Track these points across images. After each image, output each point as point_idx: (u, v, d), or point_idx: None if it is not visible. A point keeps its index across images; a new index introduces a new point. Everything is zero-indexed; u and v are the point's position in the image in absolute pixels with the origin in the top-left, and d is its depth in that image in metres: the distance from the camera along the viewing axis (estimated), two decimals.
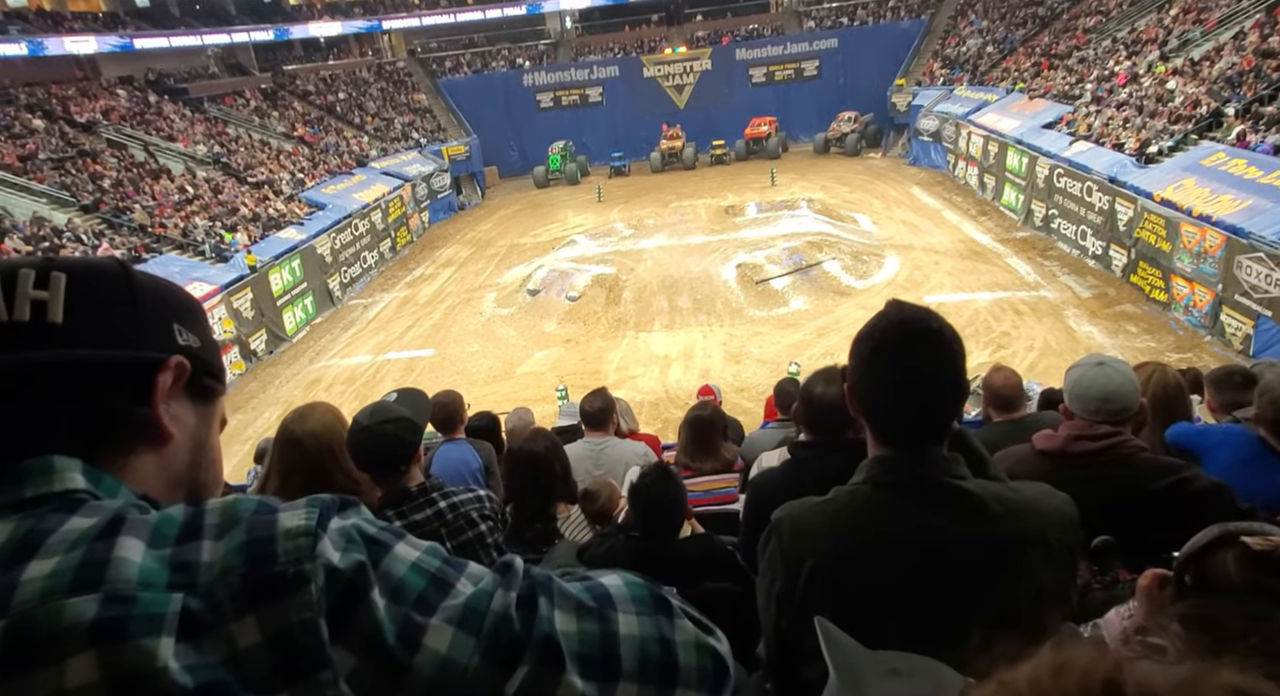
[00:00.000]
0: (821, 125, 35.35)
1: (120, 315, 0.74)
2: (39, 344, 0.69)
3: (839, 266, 19.18)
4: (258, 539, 0.63)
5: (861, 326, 1.48)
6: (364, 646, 0.63)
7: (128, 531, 0.62)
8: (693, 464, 3.95)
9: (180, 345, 0.78)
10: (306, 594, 0.61)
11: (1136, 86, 21.32)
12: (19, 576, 0.58)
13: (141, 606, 0.57)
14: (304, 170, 27.63)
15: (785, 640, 1.46)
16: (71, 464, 0.68)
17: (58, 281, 0.71)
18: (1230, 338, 13.47)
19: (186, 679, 0.55)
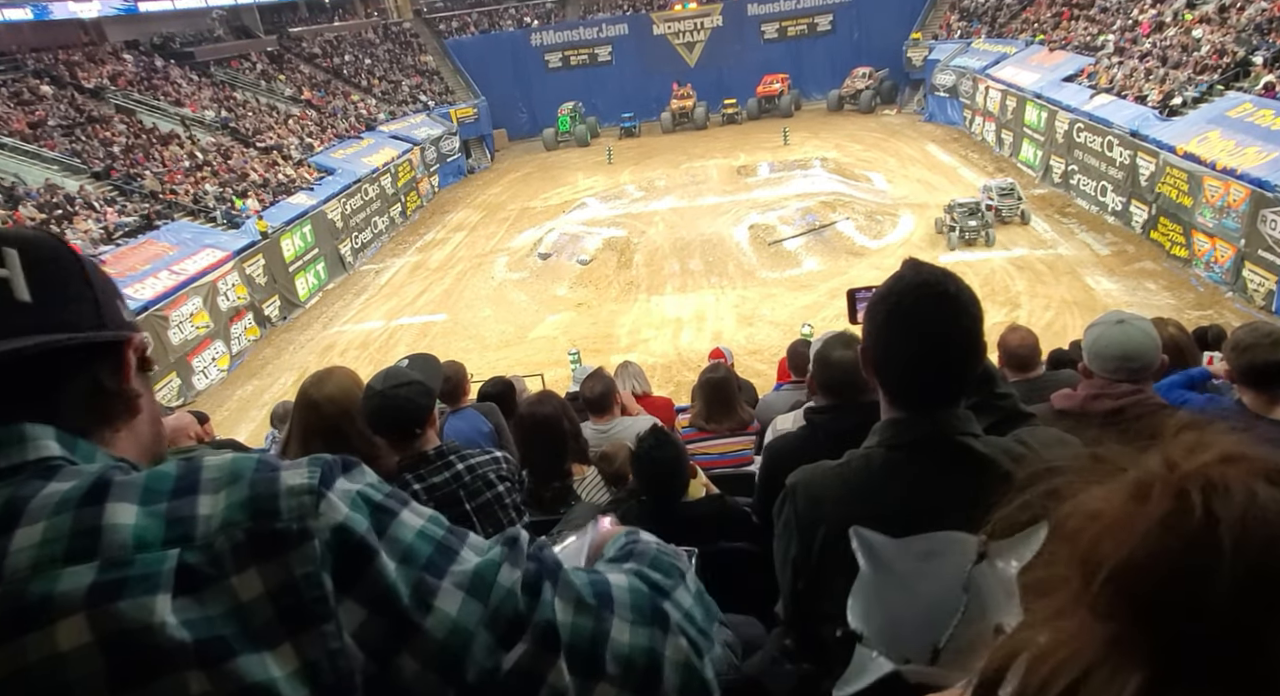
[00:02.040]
0: (835, 82, 34.68)
1: (82, 293, 0.74)
2: (19, 326, 0.68)
3: (853, 226, 18.98)
4: (260, 495, 0.63)
5: (877, 287, 1.47)
6: (374, 601, 0.63)
7: (115, 495, 0.61)
8: (708, 425, 3.95)
9: (128, 321, 0.80)
10: (310, 548, 0.61)
11: (1161, 36, 20.72)
12: (7, 545, 0.58)
13: (138, 567, 0.57)
14: (312, 134, 27.45)
15: (803, 603, 1.46)
16: (44, 431, 0.67)
17: (11, 258, 0.70)
18: (1252, 294, 13.28)
19: (184, 634, 0.55)
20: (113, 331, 0.75)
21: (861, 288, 1.69)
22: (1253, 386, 2.55)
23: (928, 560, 0.95)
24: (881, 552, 0.92)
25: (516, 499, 2.33)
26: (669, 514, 2.46)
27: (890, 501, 1.36)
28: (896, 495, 1.36)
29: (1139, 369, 2.14)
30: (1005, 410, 1.64)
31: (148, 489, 0.63)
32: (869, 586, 0.93)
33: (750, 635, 1.97)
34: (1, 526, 0.59)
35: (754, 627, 2.06)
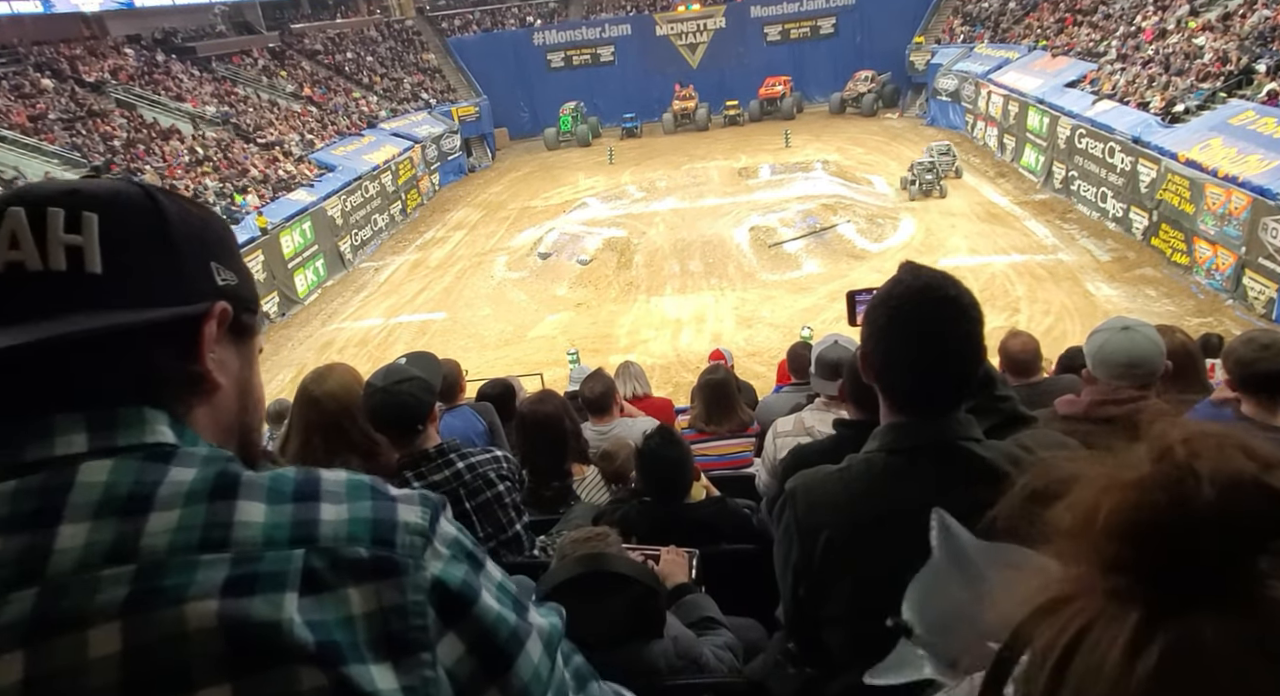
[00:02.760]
0: (837, 85, 34.68)
1: (158, 262, 0.69)
2: (83, 300, 0.64)
3: (853, 229, 18.97)
4: (381, 521, 0.65)
5: (877, 290, 1.46)
6: (474, 639, 0.66)
7: (244, 493, 0.63)
8: (708, 427, 3.94)
9: (219, 285, 0.74)
10: (421, 579, 0.64)
11: (1163, 43, 20.74)
12: (143, 526, 0.59)
13: (267, 563, 0.59)
14: (313, 131, 27.42)
15: (804, 608, 1.45)
16: (160, 416, 0.67)
17: (90, 224, 0.65)
18: (1253, 301, 13.28)
19: (308, 635, 0.57)
20: (177, 309, 0.69)
21: (861, 290, 1.68)
22: (1253, 395, 2.54)
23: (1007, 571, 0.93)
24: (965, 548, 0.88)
25: (516, 498, 2.32)
26: (671, 515, 2.45)
27: (891, 506, 1.35)
28: (897, 500, 1.35)
29: (1144, 375, 2.13)
30: (1006, 412, 1.63)
31: (272, 489, 0.65)
32: (936, 576, 0.89)
33: (751, 638, 1.97)
34: (136, 507, 0.60)
35: (755, 630, 2.05)
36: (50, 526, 0.58)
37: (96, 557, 0.57)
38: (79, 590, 0.56)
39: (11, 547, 0.57)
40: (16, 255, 0.64)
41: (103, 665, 0.54)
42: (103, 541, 0.58)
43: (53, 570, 0.57)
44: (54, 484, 0.60)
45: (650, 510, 2.45)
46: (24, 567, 0.57)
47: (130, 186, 0.71)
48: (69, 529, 0.58)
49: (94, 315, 0.64)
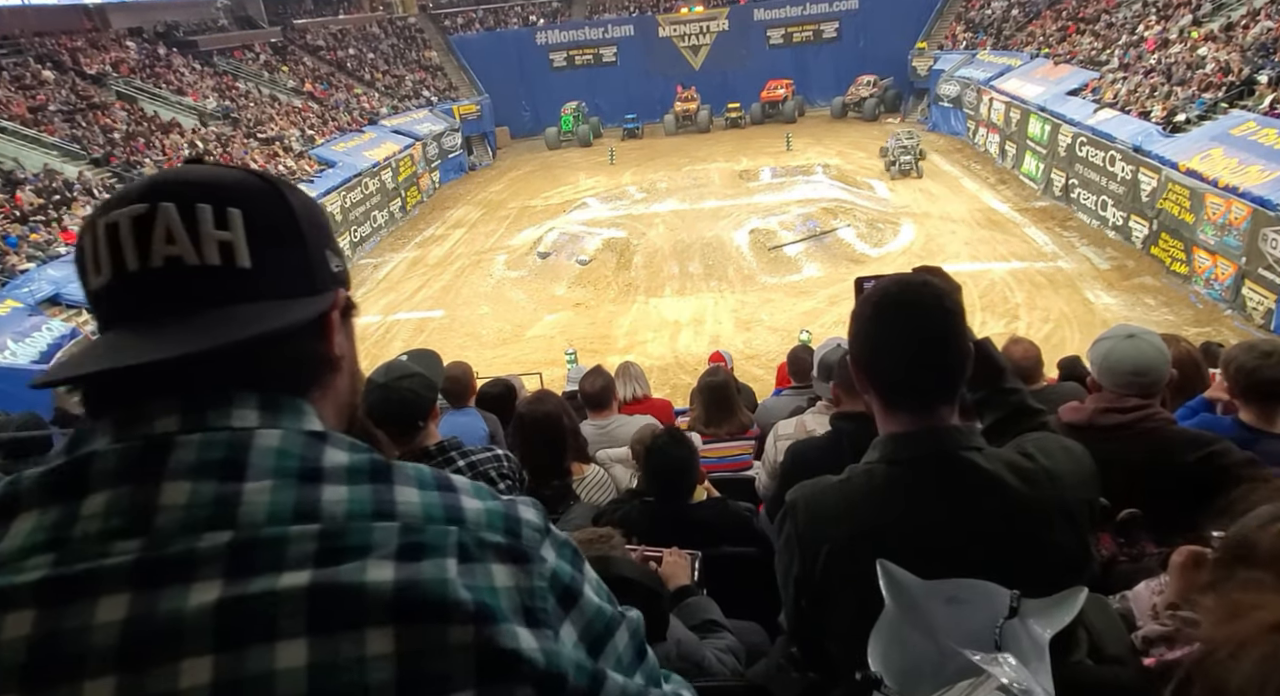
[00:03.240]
0: (839, 89, 34.72)
1: (294, 256, 0.74)
2: (239, 293, 0.69)
3: (853, 234, 18.98)
4: (509, 515, 0.72)
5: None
6: (582, 627, 0.74)
7: (398, 478, 0.70)
8: (708, 429, 3.92)
9: (334, 272, 0.78)
10: (544, 569, 0.71)
11: (1166, 52, 20.78)
12: (319, 494, 0.65)
13: (430, 535, 0.66)
14: (314, 127, 27.38)
15: (806, 618, 1.43)
16: (305, 405, 0.73)
17: (235, 220, 0.69)
18: (1251, 312, 13.30)
19: (466, 595, 0.64)
20: (315, 297, 0.74)
21: (869, 276, 1.68)
22: (1253, 402, 2.54)
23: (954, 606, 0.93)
24: (909, 592, 0.89)
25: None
26: (673, 515, 2.43)
27: (893, 519, 1.34)
28: (899, 512, 1.34)
29: (1150, 383, 2.12)
30: (1013, 405, 1.62)
31: (418, 477, 0.71)
32: (892, 626, 0.90)
33: (753, 641, 1.95)
34: (309, 476, 0.66)
35: (756, 634, 2.03)
36: (237, 479, 0.64)
37: (284, 513, 0.63)
38: (272, 539, 0.62)
39: (203, 492, 0.63)
40: (174, 250, 0.67)
41: (292, 602, 0.59)
42: (286, 500, 0.64)
43: (244, 519, 0.62)
44: (237, 440, 0.66)
45: (652, 510, 2.44)
46: (217, 511, 0.62)
47: (254, 178, 0.75)
48: (253, 484, 0.64)
49: (253, 308, 0.69)
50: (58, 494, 0.63)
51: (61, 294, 14.14)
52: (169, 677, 0.56)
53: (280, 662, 0.57)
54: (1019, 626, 0.89)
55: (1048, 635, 0.92)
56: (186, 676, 0.56)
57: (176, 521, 0.61)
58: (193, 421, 0.66)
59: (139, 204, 0.68)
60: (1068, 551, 1.35)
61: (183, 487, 0.62)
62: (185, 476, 0.63)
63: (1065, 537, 1.34)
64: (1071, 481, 1.37)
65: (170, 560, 0.59)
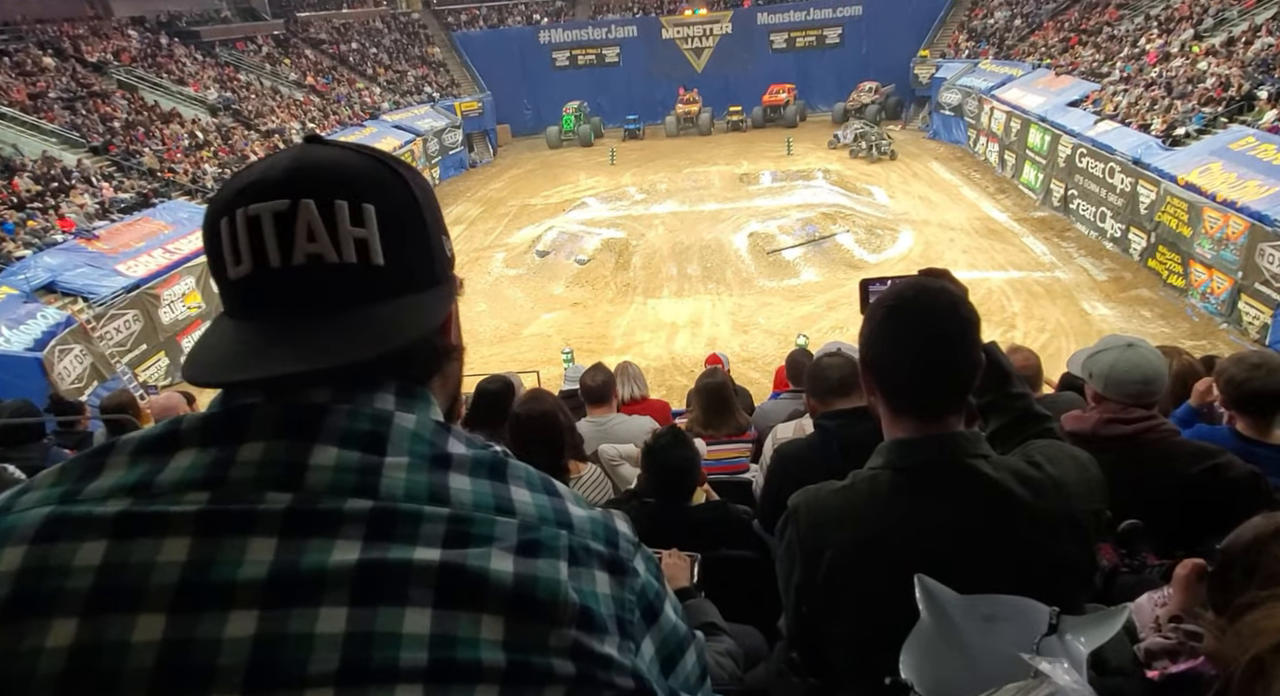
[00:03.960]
0: (841, 95, 34.75)
1: (421, 248, 0.75)
2: (378, 291, 0.71)
3: (852, 239, 19.00)
4: (609, 527, 0.75)
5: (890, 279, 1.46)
6: (660, 642, 0.76)
7: (512, 477, 0.72)
8: (706, 430, 3.91)
9: (449, 257, 0.81)
10: (635, 582, 0.73)
11: (1167, 66, 20.86)
12: (448, 481, 0.68)
13: (545, 534, 0.68)
14: (315, 120, 27.34)
15: (807, 624, 1.42)
16: (433, 397, 0.77)
17: (370, 217, 0.70)
18: (1247, 326, 13.34)
19: (575, 597, 0.66)
20: (440, 287, 0.77)
21: (874, 279, 1.66)
22: (1246, 413, 2.54)
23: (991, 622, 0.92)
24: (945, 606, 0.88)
25: None
26: (672, 516, 2.41)
27: (896, 528, 1.32)
28: (903, 520, 1.32)
29: (1156, 391, 2.11)
30: (1019, 410, 1.60)
31: (528, 480, 0.73)
32: (926, 638, 0.89)
33: (750, 645, 1.93)
34: (438, 463, 0.69)
35: (754, 637, 2.02)
36: (379, 453, 0.67)
37: (419, 492, 0.66)
38: (409, 513, 0.65)
39: (349, 459, 0.66)
40: (315, 247, 0.69)
41: (424, 574, 0.62)
42: (421, 480, 0.67)
43: (384, 491, 0.65)
44: (380, 416, 0.69)
45: (651, 511, 2.42)
46: (362, 479, 0.65)
47: (382, 167, 0.75)
48: (392, 459, 0.67)
49: (389, 306, 0.71)
50: (218, 436, 0.67)
51: (57, 281, 14.07)
52: (307, 620, 0.59)
53: (408, 627, 0.60)
54: (1058, 643, 0.88)
55: (1087, 652, 0.91)
56: (324, 622, 0.59)
57: (325, 481, 0.64)
58: (343, 395, 0.69)
59: (281, 200, 0.69)
60: (1073, 561, 1.33)
61: (331, 452, 0.66)
62: (334, 442, 0.66)
63: (1071, 547, 1.33)
64: (1078, 491, 1.35)
65: (319, 514, 0.63)
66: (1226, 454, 2.15)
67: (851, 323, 14.37)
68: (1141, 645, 1.47)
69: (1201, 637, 1.41)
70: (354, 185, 0.71)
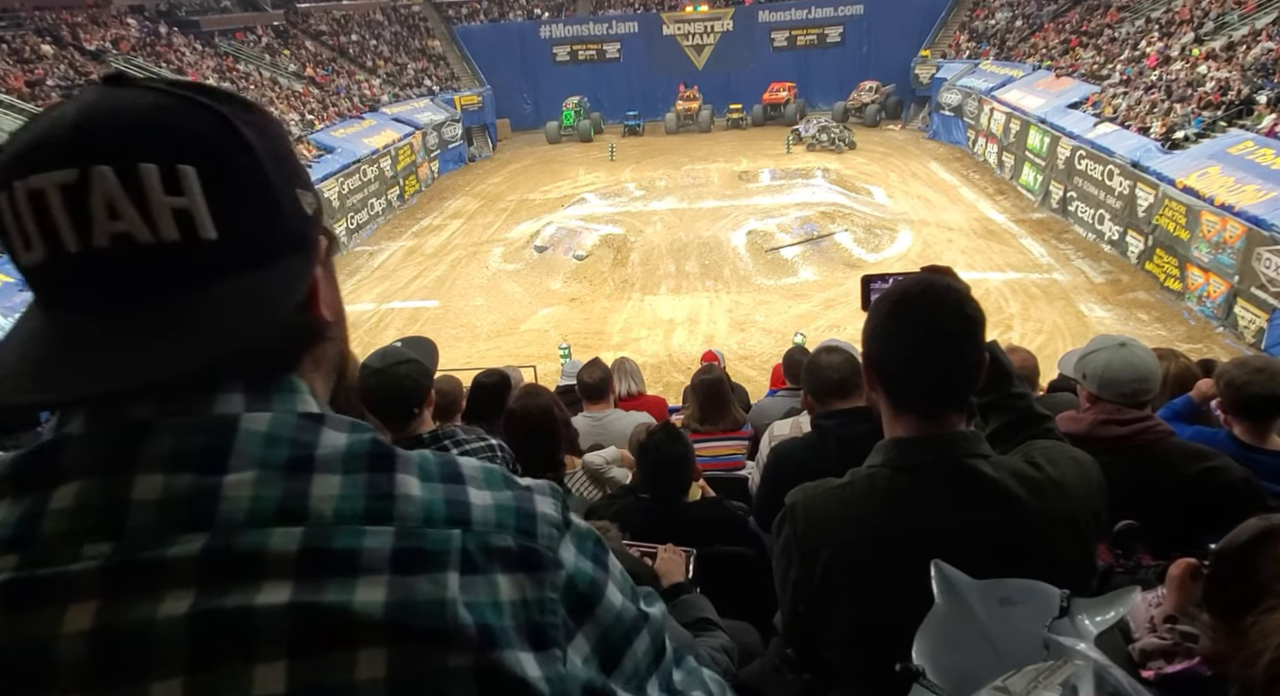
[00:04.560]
0: (841, 94, 34.71)
1: (264, 211, 0.61)
2: (210, 270, 0.57)
3: (850, 239, 18.99)
4: (524, 511, 0.64)
5: (893, 277, 1.45)
6: (597, 638, 0.66)
7: (400, 467, 0.61)
8: (703, 426, 3.91)
9: (309, 215, 0.66)
10: (558, 576, 0.63)
11: (1167, 69, 20.87)
12: (308, 488, 0.57)
13: (430, 541, 0.58)
14: (314, 112, 27.23)
15: (804, 623, 1.41)
16: (300, 383, 0.65)
17: (189, 180, 0.56)
18: (1243, 330, 13.37)
19: (467, 617, 0.56)
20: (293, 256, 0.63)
21: (876, 275, 1.65)
22: (1244, 418, 2.55)
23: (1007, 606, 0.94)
24: (962, 591, 0.89)
25: None
26: (667, 513, 2.41)
27: (895, 527, 1.31)
28: (901, 519, 1.32)
29: (1150, 391, 2.12)
30: (1020, 411, 1.60)
31: (421, 466, 0.63)
32: (941, 623, 0.89)
33: (745, 641, 1.93)
34: (298, 466, 0.58)
35: (749, 634, 2.02)
36: (217, 473, 0.56)
37: (266, 513, 0.56)
38: (250, 545, 0.54)
39: (179, 486, 0.55)
40: (120, 226, 0.55)
41: (271, 620, 0.53)
42: (270, 496, 0.56)
43: (222, 519, 0.55)
44: (220, 425, 0.58)
45: (646, 507, 2.42)
46: (193, 510, 0.55)
47: (199, 110, 0.59)
48: (234, 477, 0.56)
49: (229, 287, 0.58)
50: (29, 483, 0.56)
51: None
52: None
53: (259, 687, 0.51)
54: (1069, 625, 0.90)
55: (1095, 632, 0.93)
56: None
57: (149, 521, 0.54)
58: (172, 407, 0.57)
59: (68, 169, 0.54)
60: (1071, 563, 1.33)
61: (155, 482, 0.55)
62: (160, 468, 0.55)
63: (1069, 549, 1.32)
64: (1078, 493, 1.35)
65: (141, 566, 0.53)
66: (1222, 456, 2.15)
67: (848, 322, 14.38)
68: (1136, 645, 1.47)
69: (1197, 638, 1.41)
70: (165, 141, 0.56)
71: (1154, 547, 1.98)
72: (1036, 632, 0.90)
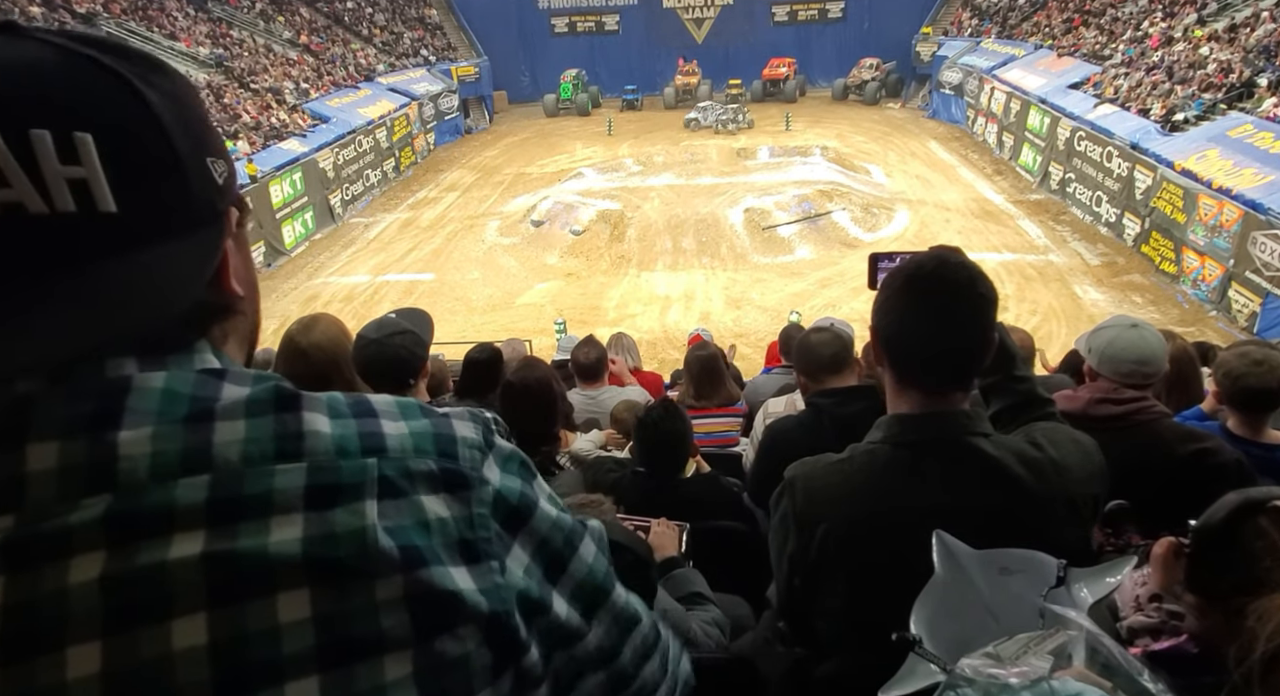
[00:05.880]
0: (842, 71, 34.42)
1: (171, 182, 0.58)
2: (106, 245, 0.54)
3: (848, 217, 18.94)
4: (441, 435, 0.63)
5: (902, 255, 1.44)
6: (535, 546, 0.67)
7: (308, 407, 0.60)
8: (698, 402, 3.91)
9: (220, 185, 0.63)
10: (485, 493, 0.63)
11: (1169, 50, 20.72)
12: (211, 436, 0.56)
13: (345, 473, 0.58)
14: (309, 80, 26.89)
15: (798, 596, 1.42)
16: (203, 344, 0.63)
17: (87, 148, 0.53)
18: (1236, 314, 13.43)
19: (390, 541, 0.56)
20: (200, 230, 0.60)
21: (884, 253, 1.63)
22: (1239, 410, 2.54)
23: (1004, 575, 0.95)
24: (962, 561, 0.90)
25: None
26: (663, 488, 2.42)
27: (894, 504, 1.31)
28: (900, 498, 1.31)
29: (1150, 374, 2.12)
30: (1023, 394, 1.60)
31: (330, 405, 0.62)
32: (940, 593, 0.91)
33: (737, 615, 1.95)
34: (199, 416, 0.56)
35: (741, 607, 2.04)
36: (111, 430, 0.54)
37: (169, 465, 0.54)
38: (156, 500, 0.53)
39: (74, 450, 0.53)
40: (10, 195, 0.51)
41: (186, 573, 0.52)
42: (171, 449, 0.54)
43: (124, 479, 0.53)
44: (113, 385, 0.56)
45: (642, 481, 2.43)
46: (92, 472, 0.53)
47: (95, 68, 0.56)
48: (130, 434, 0.54)
49: (127, 262, 0.55)
50: None
51: None
52: (54, 668, 0.49)
53: (178, 643, 0.50)
54: (1064, 594, 0.91)
55: (1090, 601, 0.94)
56: (74, 666, 0.49)
57: (49, 490, 0.52)
58: (59, 378, 0.55)
59: None
60: (1068, 545, 1.33)
61: (49, 450, 0.53)
62: (54, 436, 0.53)
63: (1067, 531, 1.32)
64: (1079, 475, 1.35)
65: (45, 536, 0.51)
66: (1215, 439, 2.16)
67: (844, 301, 14.39)
68: (1123, 623, 1.48)
69: (1183, 617, 1.43)
70: (61, 106, 0.53)
71: (1144, 527, 2.00)
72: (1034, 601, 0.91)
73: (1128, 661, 0.81)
